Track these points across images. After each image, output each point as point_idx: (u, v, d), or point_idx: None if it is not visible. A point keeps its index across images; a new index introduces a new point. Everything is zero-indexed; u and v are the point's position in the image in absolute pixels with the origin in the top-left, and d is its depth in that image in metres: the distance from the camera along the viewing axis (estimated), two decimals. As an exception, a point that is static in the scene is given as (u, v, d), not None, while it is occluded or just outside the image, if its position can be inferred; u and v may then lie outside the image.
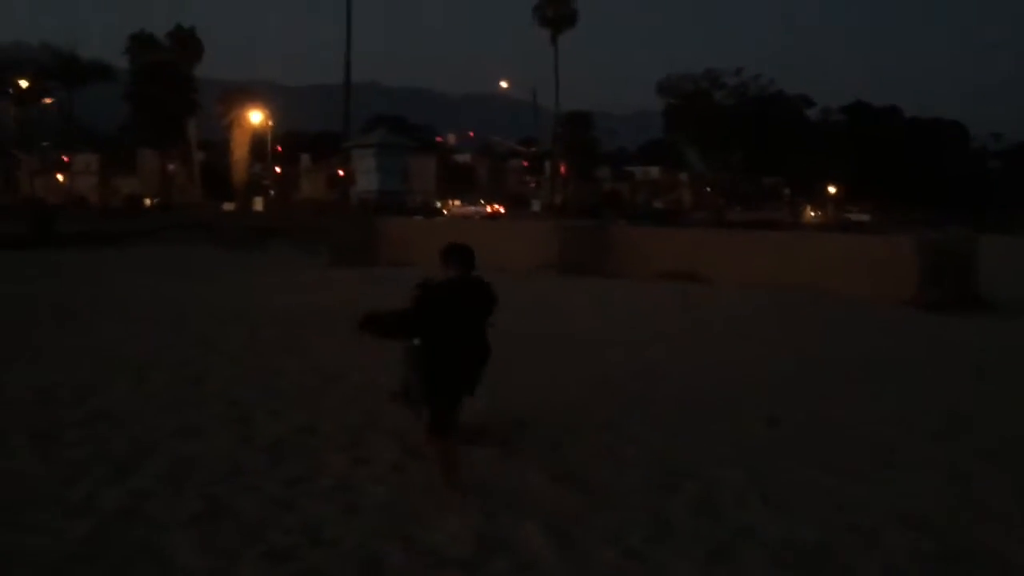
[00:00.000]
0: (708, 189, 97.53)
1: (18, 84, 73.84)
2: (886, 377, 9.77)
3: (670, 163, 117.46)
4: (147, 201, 78.41)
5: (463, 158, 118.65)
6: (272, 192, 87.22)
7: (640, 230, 24.34)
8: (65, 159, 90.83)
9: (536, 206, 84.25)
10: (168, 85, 75.44)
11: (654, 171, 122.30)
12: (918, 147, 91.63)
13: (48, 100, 77.82)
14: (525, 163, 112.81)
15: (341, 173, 53.91)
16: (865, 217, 78.82)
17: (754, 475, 6.12)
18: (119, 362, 10.07)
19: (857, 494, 5.79)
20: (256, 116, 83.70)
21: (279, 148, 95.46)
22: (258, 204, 76.40)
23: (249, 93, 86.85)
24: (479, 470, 6.17)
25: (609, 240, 21.07)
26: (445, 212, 70.37)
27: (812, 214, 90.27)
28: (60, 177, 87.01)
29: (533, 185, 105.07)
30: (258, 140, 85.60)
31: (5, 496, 5.53)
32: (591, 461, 6.41)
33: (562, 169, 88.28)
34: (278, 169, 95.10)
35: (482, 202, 78.45)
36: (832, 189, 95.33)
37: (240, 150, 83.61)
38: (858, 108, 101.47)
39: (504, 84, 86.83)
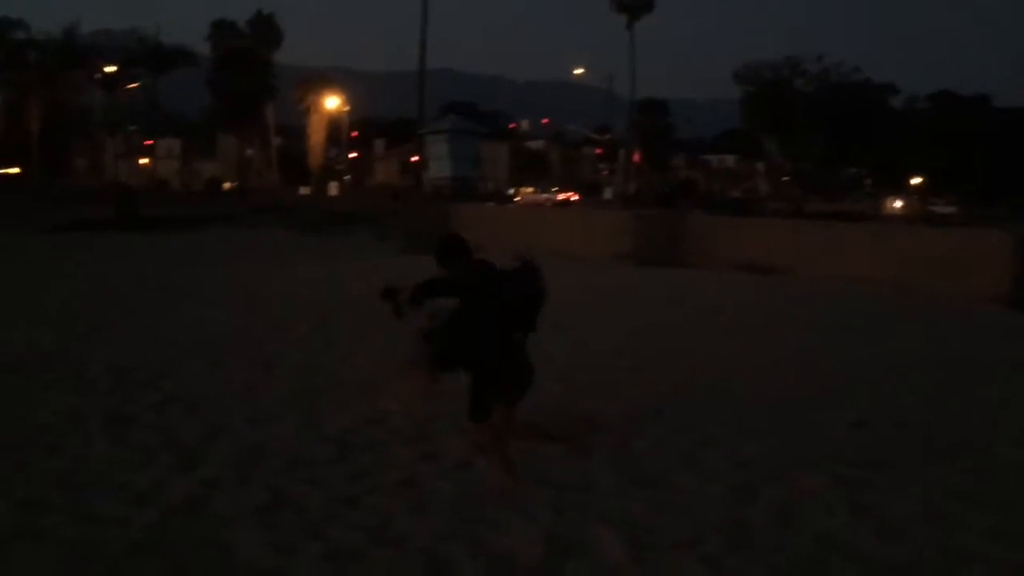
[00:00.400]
0: (785, 179, 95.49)
1: (104, 70, 76.00)
2: (979, 379, 9.24)
3: (747, 152, 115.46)
4: (226, 185, 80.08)
5: (536, 145, 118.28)
6: (347, 177, 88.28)
7: (718, 220, 23.79)
8: (149, 143, 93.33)
9: (609, 194, 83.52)
10: (248, 71, 76.86)
11: (730, 160, 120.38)
12: (1007, 138, 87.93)
13: (133, 85, 79.92)
14: (599, 151, 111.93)
15: (414, 159, 54.16)
16: (950, 209, 76.08)
17: (840, 482, 5.78)
18: (194, 345, 10.16)
19: (953, 512, 5.41)
20: (332, 102, 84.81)
21: (354, 134, 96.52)
22: (333, 189, 77.42)
23: (326, 79, 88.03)
24: (547, 468, 5.97)
25: (685, 229, 20.64)
26: (517, 199, 70.22)
27: (895, 206, 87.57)
28: (144, 161, 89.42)
29: (606, 173, 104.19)
30: (334, 126, 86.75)
31: (76, 482, 5.53)
32: (665, 463, 6.15)
33: (636, 157, 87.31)
34: (354, 154, 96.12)
35: (555, 189, 78.09)
36: (916, 180, 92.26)
37: (316, 135, 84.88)
38: (945, 97, 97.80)
39: (579, 71, 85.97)
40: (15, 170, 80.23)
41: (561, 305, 8.86)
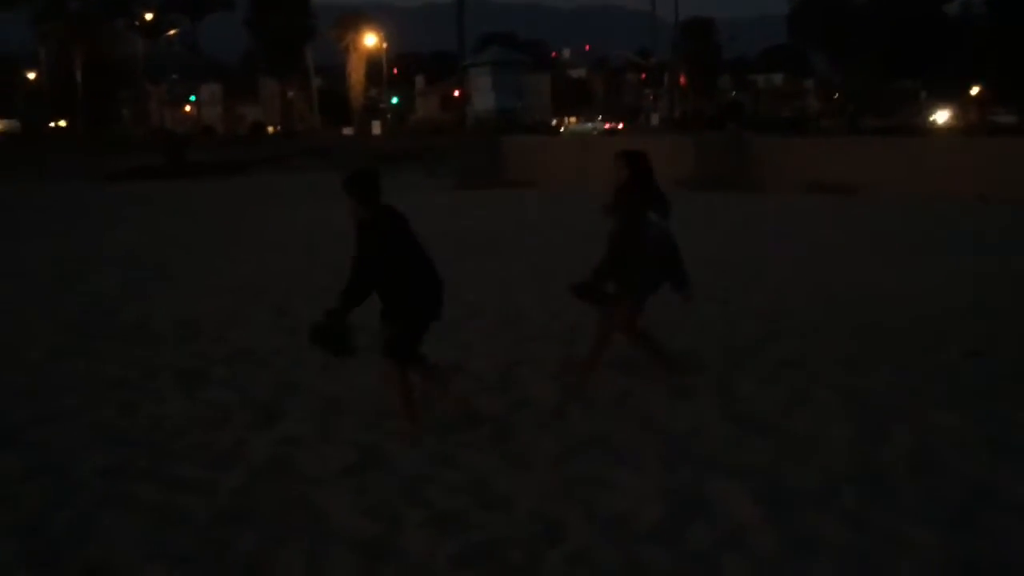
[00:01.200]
0: (836, 96, 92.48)
1: (144, 17, 75.63)
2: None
3: (794, 69, 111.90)
4: (270, 129, 79.90)
5: (578, 73, 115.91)
6: (389, 116, 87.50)
7: (779, 141, 22.82)
8: (192, 91, 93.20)
9: (655, 120, 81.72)
10: (285, 12, 75.90)
11: (777, 78, 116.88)
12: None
13: (173, 32, 79.53)
14: (643, 76, 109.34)
15: (457, 93, 53.38)
16: (1012, 119, 73.00)
17: (974, 421, 5.26)
18: (257, 293, 9.88)
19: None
20: (371, 39, 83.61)
21: (395, 71, 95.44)
22: (376, 128, 76.78)
23: (363, 16, 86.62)
24: (648, 412, 5.54)
25: (746, 153, 19.81)
26: (561, 130, 68.97)
27: (937, 118, 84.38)
28: (187, 108, 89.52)
29: (652, 99, 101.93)
30: (373, 64, 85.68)
31: (158, 444, 5.23)
32: (777, 403, 5.68)
33: (682, 80, 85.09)
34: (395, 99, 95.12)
35: (600, 118, 76.57)
36: (975, 91, 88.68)
37: (356, 74, 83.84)
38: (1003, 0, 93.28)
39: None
40: (62, 123, 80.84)
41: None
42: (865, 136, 27.96)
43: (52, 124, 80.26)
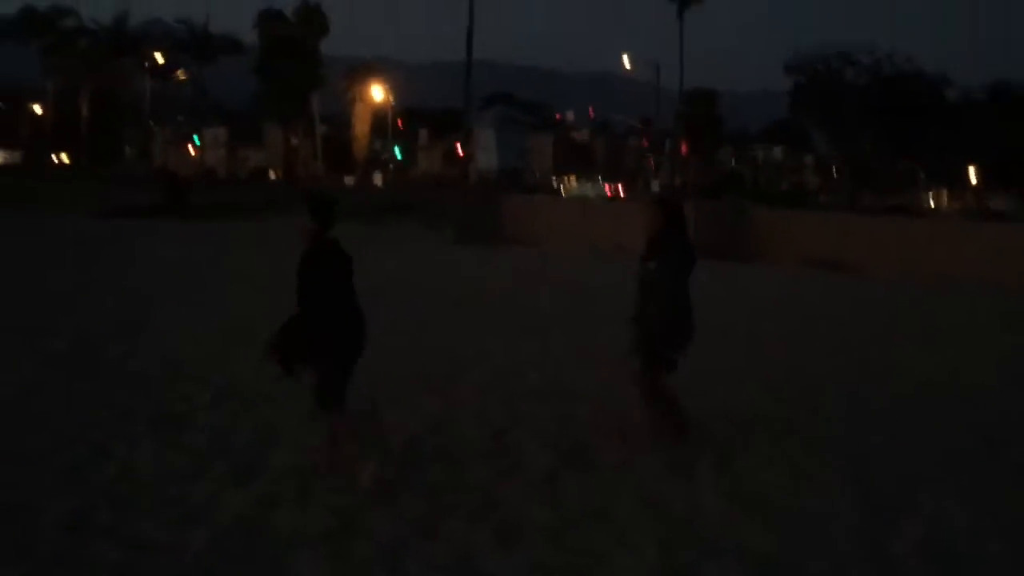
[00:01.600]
0: (835, 172, 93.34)
1: (155, 58, 76.39)
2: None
3: (794, 144, 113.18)
4: (272, 174, 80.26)
5: (581, 136, 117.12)
6: (391, 167, 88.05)
7: (780, 213, 22.81)
8: (196, 133, 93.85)
9: (655, 186, 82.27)
10: (294, 60, 76.75)
11: (777, 152, 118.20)
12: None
13: (182, 74, 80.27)
14: (645, 142, 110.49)
15: (460, 151, 53.73)
16: (1004, 207, 73.54)
17: (986, 514, 5.00)
18: (247, 335, 9.61)
19: None
20: (378, 92, 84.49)
21: (400, 123, 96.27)
22: (377, 179, 77.19)
23: (371, 69, 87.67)
24: (647, 487, 5.27)
25: (747, 223, 19.75)
26: (562, 192, 69.35)
27: (950, 201, 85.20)
28: (191, 149, 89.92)
29: (652, 164, 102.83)
30: (379, 116, 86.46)
31: (125, 495, 4.94)
32: (778, 480, 5.42)
33: (683, 149, 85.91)
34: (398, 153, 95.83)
35: (600, 179, 77.09)
36: (972, 175, 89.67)
37: (362, 125, 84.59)
38: (1001, 88, 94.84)
39: (626, 59, 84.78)
40: (64, 157, 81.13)
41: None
42: (865, 214, 27.99)
43: (54, 157, 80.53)
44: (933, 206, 76.70)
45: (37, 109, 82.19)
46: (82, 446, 5.69)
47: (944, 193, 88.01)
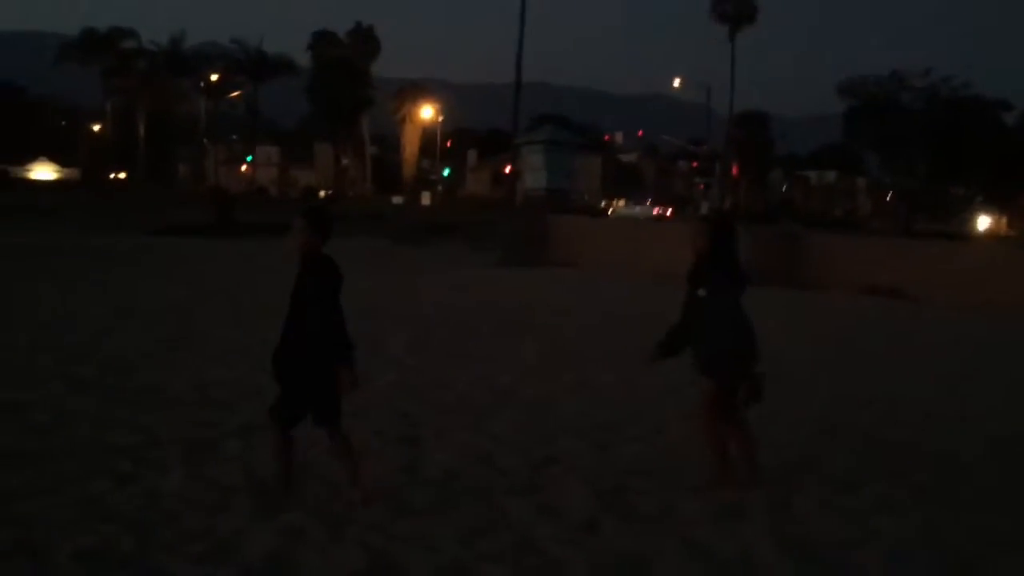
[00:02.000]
0: (888, 197, 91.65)
1: (210, 79, 77.84)
2: None
3: (847, 168, 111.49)
4: (322, 193, 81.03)
5: (629, 158, 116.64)
6: (439, 188, 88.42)
7: (835, 239, 22.24)
8: (249, 152, 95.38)
9: (705, 209, 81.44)
10: (346, 81, 77.68)
11: (830, 176, 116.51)
12: None
13: (236, 94, 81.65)
14: (694, 164, 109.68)
15: (508, 170, 53.70)
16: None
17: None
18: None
19: None
20: (427, 112, 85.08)
21: (448, 144, 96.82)
22: (425, 199, 77.54)
23: (421, 90, 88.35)
24: (694, 531, 4.96)
25: (802, 248, 19.25)
26: (608, 212, 68.92)
27: (1008, 227, 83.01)
28: (243, 168, 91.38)
29: (701, 187, 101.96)
30: (428, 136, 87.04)
31: (148, 527, 4.75)
32: (838, 532, 5.06)
33: (734, 171, 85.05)
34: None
35: (648, 201, 76.50)
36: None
37: (411, 146, 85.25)
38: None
39: (677, 82, 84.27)
40: (122, 175, 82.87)
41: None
42: (924, 239, 27.19)
43: (112, 175, 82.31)
44: (988, 231, 74.74)
45: (96, 128, 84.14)
46: (106, 476, 5.53)
47: (1003, 219, 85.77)
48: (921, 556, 4.74)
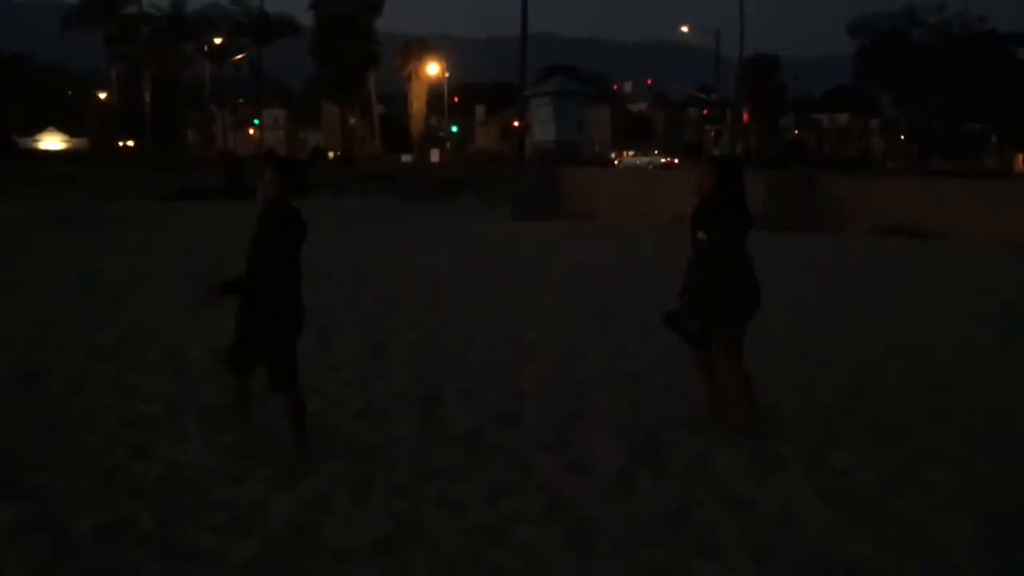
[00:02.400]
0: (902, 137, 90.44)
1: (213, 42, 77.07)
2: None
3: (859, 110, 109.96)
4: (331, 154, 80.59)
5: (639, 107, 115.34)
6: (448, 144, 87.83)
7: (853, 180, 21.81)
8: (256, 115, 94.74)
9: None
10: (350, 39, 76.71)
11: (842, 118, 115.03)
12: None
13: (240, 57, 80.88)
14: (704, 112, 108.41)
15: (517, 124, 53.12)
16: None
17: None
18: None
19: None
20: (433, 68, 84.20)
21: (456, 100, 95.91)
22: (434, 156, 77.03)
23: (427, 46, 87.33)
24: (729, 482, 4.79)
25: (818, 192, 18.91)
26: (616, 163, 68.30)
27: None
28: (251, 131, 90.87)
29: (712, 135, 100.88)
30: (435, 92, 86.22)
31: (168, 499, 4.62)
32: (879, 481, 4.88)
33: (745, 117, 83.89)
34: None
35: (656, 152, 75.77)
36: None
37: (418, 102, 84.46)
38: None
39: (685, 29, 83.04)
40: (130, 143, 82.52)
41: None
42: (947, 177, 26.64)
43: (121, 143, 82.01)
44: (1009, 169, 73.63)
45: (102, 96, 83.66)
46: (124, 446, 5.41)
47: (1020, 157, 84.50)
48: (968, 506, 4.56)
